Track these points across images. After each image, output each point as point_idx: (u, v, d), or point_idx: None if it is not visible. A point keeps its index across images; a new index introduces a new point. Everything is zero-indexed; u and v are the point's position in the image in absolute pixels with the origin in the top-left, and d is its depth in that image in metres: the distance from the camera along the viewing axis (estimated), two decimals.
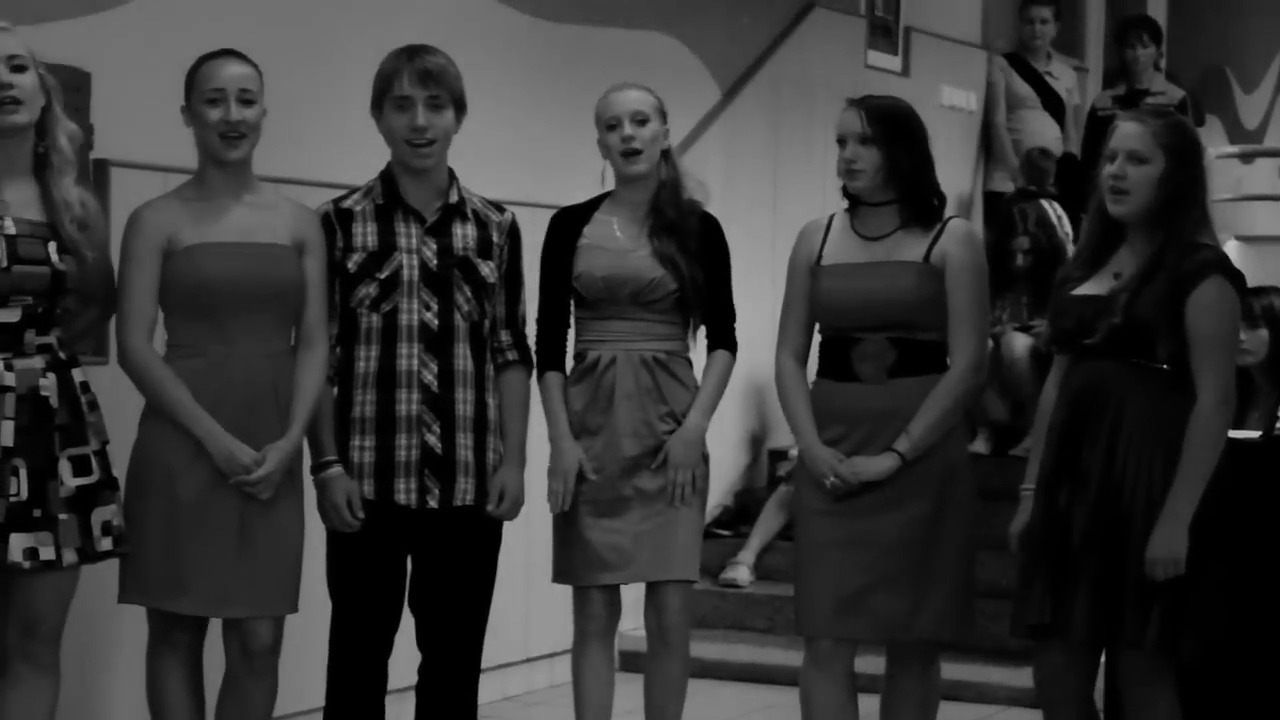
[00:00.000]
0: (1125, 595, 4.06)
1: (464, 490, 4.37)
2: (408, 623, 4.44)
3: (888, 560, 4.33)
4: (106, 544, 4.07)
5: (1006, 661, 6.31)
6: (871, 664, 4.53)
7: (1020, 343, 7.63)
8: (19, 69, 4.03)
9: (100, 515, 4.06)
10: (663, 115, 4.74)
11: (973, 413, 5.14)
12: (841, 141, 4.38)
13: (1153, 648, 4.06)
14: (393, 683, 4.46)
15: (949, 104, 9.00)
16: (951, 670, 4.79)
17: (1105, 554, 4.07)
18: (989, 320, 4.70)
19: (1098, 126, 8.12)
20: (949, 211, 4.53)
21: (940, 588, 4.35)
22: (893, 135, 4.38)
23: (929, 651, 4.47)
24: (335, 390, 4.39)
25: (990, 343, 6.99)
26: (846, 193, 4.44)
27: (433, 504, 4.34)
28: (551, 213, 4.75)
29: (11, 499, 3.95)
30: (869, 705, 4.47)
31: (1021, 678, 5.85)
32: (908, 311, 4.34)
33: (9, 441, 3.94)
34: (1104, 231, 4.21)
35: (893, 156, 4.36)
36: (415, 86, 4.34)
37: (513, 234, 4.52)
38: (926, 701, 4.50)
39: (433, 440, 4.35)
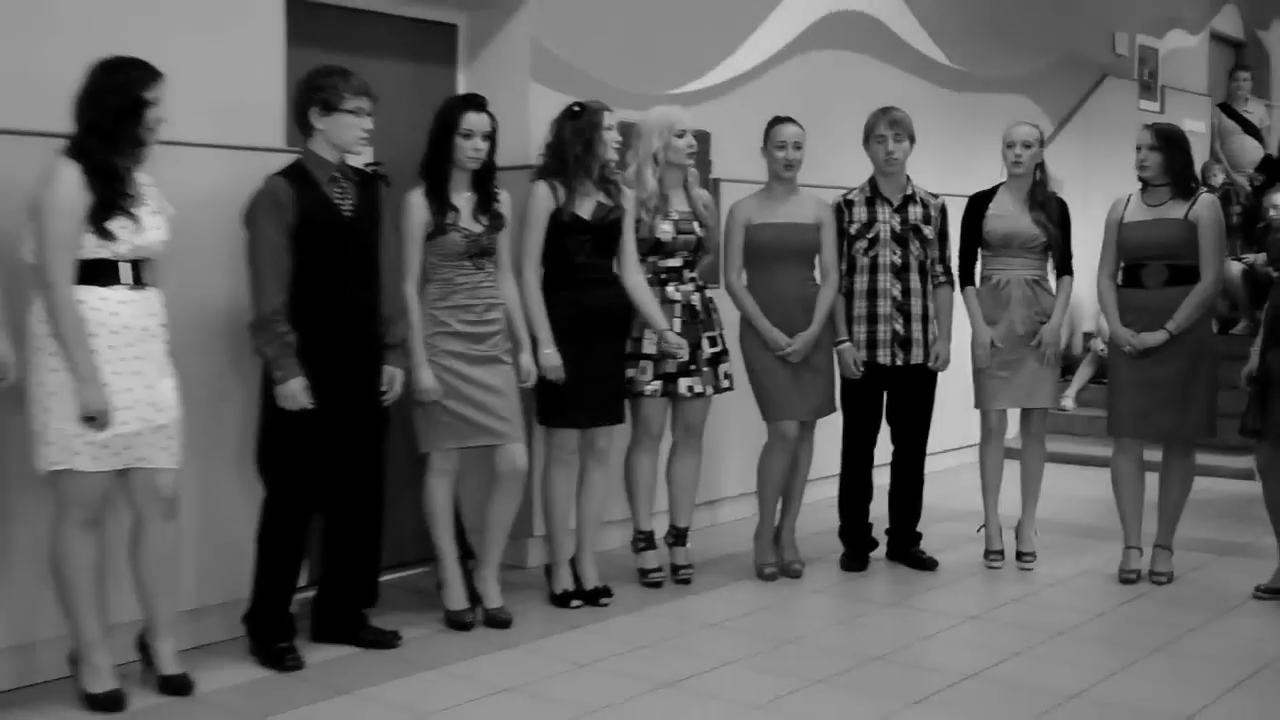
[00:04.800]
0: None
1: (916, 356, 5.26)
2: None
3: (1163, 391, 4.84)
4: (726, 384, 5.12)
5: (1232, 453, 6.93)
6: (1152, 455, 5.01)
7: (1235, 268, 8.17)
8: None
9: (722, 369, 5.10)
10: (1041, 142, 5.21)
11: (1210, 307, 4.92)
12: (1139, 148, 4.85)
13: None
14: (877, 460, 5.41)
15: (1189, 130, 8.29)
16: (1201, 458, 5.23)
17: None
18: (1224, 253, 5.02)
19: None
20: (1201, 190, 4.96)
21: (1196, 408, 4.89)
22: (1167, 146, 4.81)
23: (1188, 446, 5.03)
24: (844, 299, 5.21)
25: None
26: (1140, 178, 4.90)
27: (899, 363, 5.24)
28: (962, 199, 5.26)
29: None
30: (1151, 478, 5.04)
31: (1239, 462, 7.00)
32: (1175, 247, 4.78)
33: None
34: None
35: (1168, 158, 4.82)
36: (888, 129, 5.23)
37: (942, 210, 5.32)
38: (1185, 477, 5.04)
39: (899, 327, 5.20)
